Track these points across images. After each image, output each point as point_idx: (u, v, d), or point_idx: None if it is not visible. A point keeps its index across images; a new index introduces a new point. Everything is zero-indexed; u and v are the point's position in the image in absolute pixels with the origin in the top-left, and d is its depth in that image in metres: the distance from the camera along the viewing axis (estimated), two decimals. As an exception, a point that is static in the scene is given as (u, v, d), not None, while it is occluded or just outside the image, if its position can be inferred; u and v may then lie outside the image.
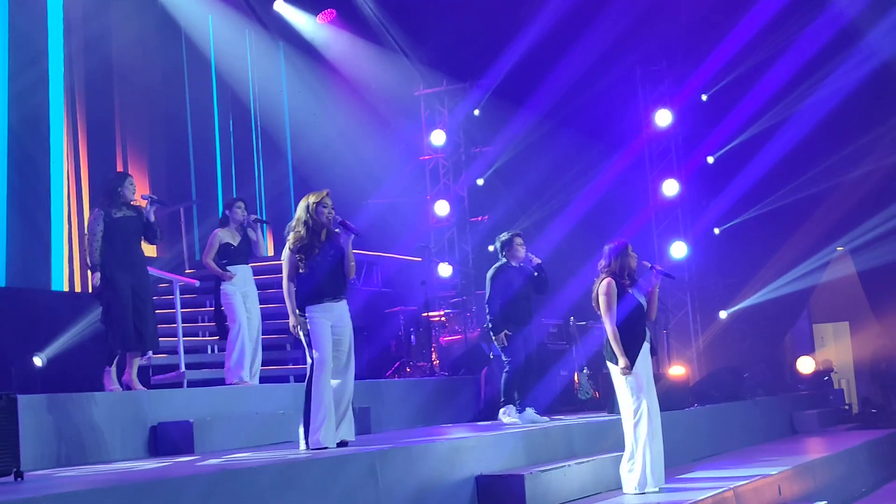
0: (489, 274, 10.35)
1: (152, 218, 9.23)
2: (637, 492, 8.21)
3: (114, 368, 8.96)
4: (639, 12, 15.22)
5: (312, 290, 7.61)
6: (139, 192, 9.60)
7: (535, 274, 10.28)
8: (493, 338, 10.27)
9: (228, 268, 10.08)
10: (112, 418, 8.02)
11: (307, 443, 7.45)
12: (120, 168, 14.05)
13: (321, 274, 7.63)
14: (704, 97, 16.20)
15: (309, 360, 7.56)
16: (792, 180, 16.10)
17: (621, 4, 14.93)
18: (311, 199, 7.71)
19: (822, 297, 18.25)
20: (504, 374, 10.25)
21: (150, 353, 10.39)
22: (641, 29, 15.49)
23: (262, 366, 10.38)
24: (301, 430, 7.53)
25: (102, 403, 8.08)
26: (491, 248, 11.91)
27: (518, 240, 10.35)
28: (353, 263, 7.80)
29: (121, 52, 14.45)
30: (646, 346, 8.36)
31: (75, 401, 7.82)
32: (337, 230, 7.74)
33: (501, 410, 10.17)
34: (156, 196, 9.45)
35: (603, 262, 8.43)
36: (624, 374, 8.18)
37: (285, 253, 7.68)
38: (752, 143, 16.07)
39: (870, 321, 17.79)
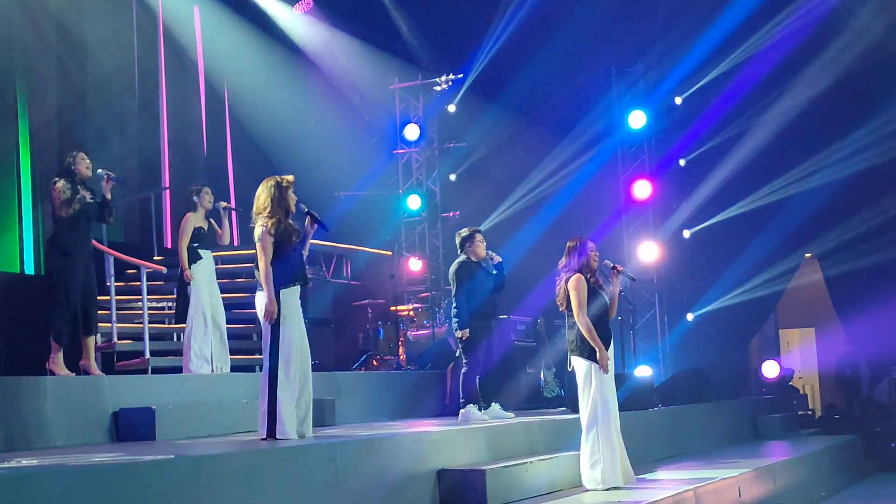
0: (453, 269, 10.27)
1: (108, 195, 9.03)
2: (600, 488, 8.24)
3: (60, 354, 8.69)
4: (614, 13, 15.27)
5: (290, 275, 7.55)
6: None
7: (494, 272, 10.26)
8: (458, 333, 10.17)
9: (199, 251, 10.03)
10: (73, 403, 7.94)
11: (272, 433, 7.36)
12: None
13: (296, 258, 7.63)
14: (678, 100, 16.24)
15: (278, 349, 7.44)
16: (762, 185, 16.18)
17: (597, 5, 14.96)
18: (283, 183, 7.63)
19: (788, 303, 18.38)
20: (462, 374, 10.16)
21: (115, 339, 10.37)
22: (617, 30, 15.53)
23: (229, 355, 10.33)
24: (264, 419, 7.40)
25: (64, 388, 8.01)
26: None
27: (479, 236, 10.31)
28: (306, 251, 7.84)
29: (94, 34, 14.33)
30: (611, 345, 8.44)
31: (35, 384, 7.73)
32: (309, 219, 7.74)
33: (462, 411, 10.01)
34: (113, 173, 9.23)
35: (564, 261, 8.46)
36: (604, 370, 8.20)
37: (263, 236, 7.48)
38: (723, 147, 16.14)
39: (835, 327, 17.92)
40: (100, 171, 9.08)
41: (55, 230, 8.78)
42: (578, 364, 8.36)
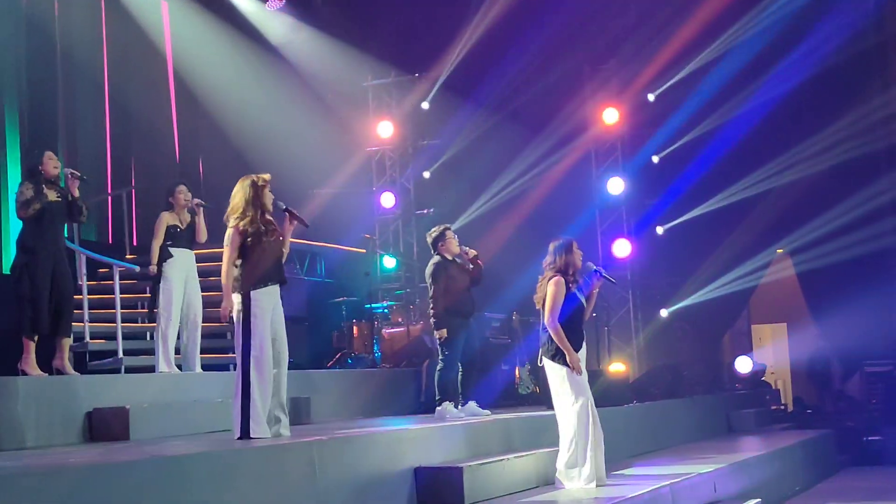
0: (429, 270, 10.21)
1: (76, 193, 8.90)
2: (583, 484, 8.24)
3: (32, 355, 8.58)
4: (588, 10, 15.28)
5: (261, 274, 7.48)
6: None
7: (470, 266, 10.23)
8: (436, 332, 10.14)
9: (171, 250, 9.95)
10: (47, 403, 7.88)
11: (246, 433, 7.31)
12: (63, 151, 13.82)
13: (269, 258, 7.55)
14: (651, 96, 16.26)
15: (250, 348, 7.39)
16: (735, 181, 16.25)
17: (569, 2, 14.97)
18: (259, 181, 7.57)
19: (761, 298, 18.47)
20: (438, 371, 10.11)
21: (87, 339, 10.28)
22: (590, 27, 15.55)
23: (201, 353, 10.26)
24: (238, 419, 7.37)
25: (36, 388, 7.94)
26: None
27: (449, 233, 10.26)
28: (287, 249, 7.78)
29: (66, 30, 14.21)
30: (584, 346, 8.46)
31: (7, 385, 7.66)
32: (288, 216, 7.69)
33: (438, 409, 10.00)
34: (78, 171, 9.12)
35: (549, 259, 8.42)
36: (578, 373, 8.20)
37: (232, 236, 7.45)
38: (696, 143, 16.18)
39: (807, 323, 18.03)
40: (66, 170, 9.00)
41: (21, 230, 8.71)
42: (552, 368, 8.35)
